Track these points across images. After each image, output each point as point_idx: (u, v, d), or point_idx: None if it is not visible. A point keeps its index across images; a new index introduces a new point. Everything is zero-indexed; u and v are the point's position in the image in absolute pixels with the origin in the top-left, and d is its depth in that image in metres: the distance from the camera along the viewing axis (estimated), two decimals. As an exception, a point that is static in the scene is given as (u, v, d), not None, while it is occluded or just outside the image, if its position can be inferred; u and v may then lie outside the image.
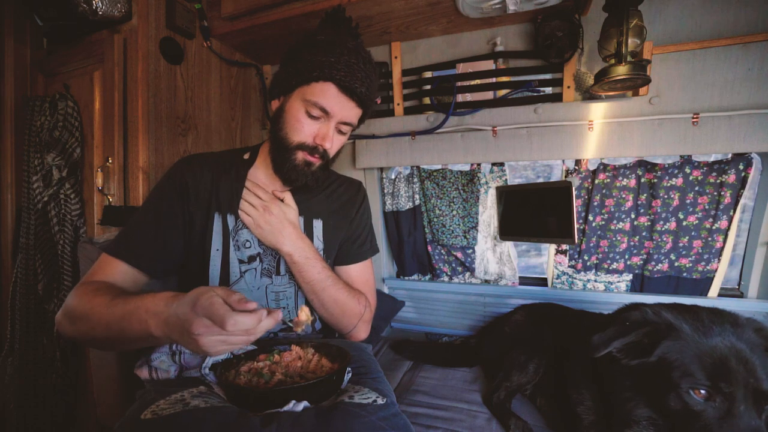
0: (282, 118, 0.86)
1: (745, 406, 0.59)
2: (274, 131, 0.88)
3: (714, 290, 1.37)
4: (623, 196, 1.42)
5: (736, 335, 0.63)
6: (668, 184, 1.37)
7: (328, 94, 0.82)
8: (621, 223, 1.44)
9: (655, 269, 1.42)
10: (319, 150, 0.86)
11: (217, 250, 0.89)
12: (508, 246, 1.63)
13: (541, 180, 1.88)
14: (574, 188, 1.28)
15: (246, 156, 0.98)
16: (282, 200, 0.92)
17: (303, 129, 0.84)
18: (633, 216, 1.43)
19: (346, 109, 0.84)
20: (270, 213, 0.88)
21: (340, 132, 0.88)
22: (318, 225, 0.97)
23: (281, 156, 0.87)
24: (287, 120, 0.85)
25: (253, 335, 0.56)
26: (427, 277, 1.78)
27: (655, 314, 0.72)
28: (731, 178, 1.28)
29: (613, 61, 1.08)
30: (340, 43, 0.82)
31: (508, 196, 1.52)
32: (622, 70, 1.04)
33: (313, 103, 0.82)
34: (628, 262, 1.47)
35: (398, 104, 1.55)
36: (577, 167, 1.47)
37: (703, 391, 0.62)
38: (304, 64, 0.82)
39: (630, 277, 1.47)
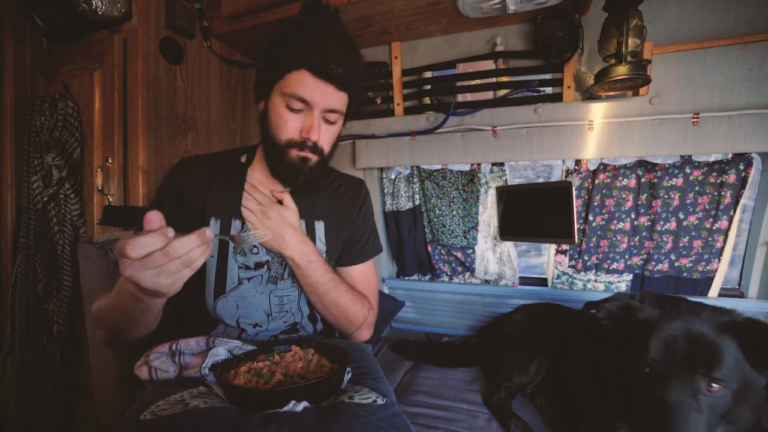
0: (267, 118, 0.84)
1: (681, 381, 0.64)
2: (263, 133, 0.87)
3: (714, 290, 1.37)
4: (623, 196, 1.42)
5: (698, 320, 0.68)
6: (668, 184, 1.37)
7: (303, 83, 0.78)
8: (621, 223, 1.44)
9: (655, 269, 1.42)
10: (308, 144, 0.82)
11: (212, 256, 0.88)
12: (508, 246, 1.63)
13: (541, 180, 1.88)
14: (574, 188, 1.28)
15: (243, 157, 0.97)
16: (281, 202, 0.91)
17: (287, 125, 0.81)
18: (633, 216, 1.43)
19: (327, 95, 0.80)
20: (268, 217, 0.87)
21: (328, 122, 0.84)
22: (320, 227, 0.97)
23: (275, 157, 0.85)
24: (271, 119, 0.83)
25: (176, 255, 0.53)
26: (427, 277, 1.78)
27: (637, 297, 0.79)
28: (731, 178, 1.28)
29: (613, 61, 1.08)
30: (309, 27, 0.78)
31: (508, 196, 1.52)
32: (622, 70, 1.04)
33: (291, 94, 0.78)
34: (629, 262, 1.47)
35: (398, 104, 1.55)
36: (577, 167, 1.47)
37: (651, 364, 0.68)
38: (275, 58, 0.80)
39: (630, 277, 1.47)
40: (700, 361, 0.64)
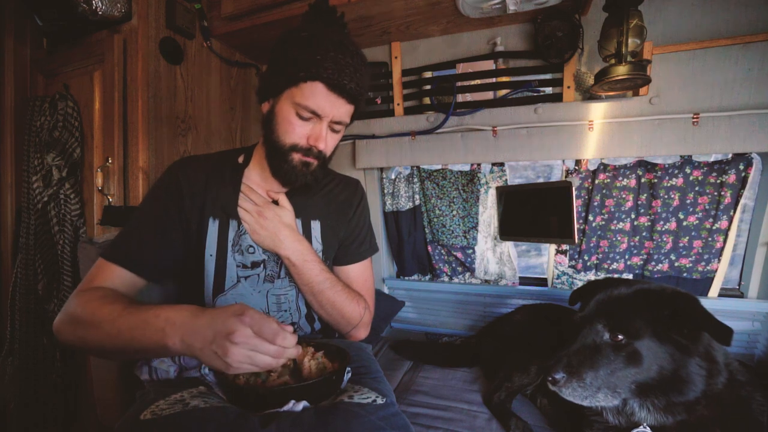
0: (273, 121, 0.85)
1: (588, 327, 0.78)
2: (266, 135, 0.87)
3: (714, 290, 1.37)
4: (623, 196, 1.42)
5: (624, 288, 0.81)
6: (668, 184, 1.37)
7: (317, 95, 0.79)
8: (621, 223, 1.44)
9: (655, 269, 1.42)
10: (313, 151, 0.84)
11: (211, 255, 0.88)
12: (508, 246, 1.63)
13: (541, 180, 1.88)
14: (574, 188, 1.28)
15: (240, 158, 0.97)
16: (277, 202, 0.92)
17: (295, 131, 0.82)
18: (633, 216, 1.43)
19: (337, 108, 0.82)
20: (264, 217, 0.88)
21: (333, 130, 0.86)
22: (316, 226, 0.97)
23: (277, 159, 0.85)
24: (278, 123, 0.84)
25: (279, 359, 0.60)
26: (427, 277, 1.78)
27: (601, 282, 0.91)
28: (731, 178, 1.28)
29: (613, 61, 1.08)
30: (325, 38, 0.79)
31: (508, 196, 1.52)
32: (622, 70, 1.04)
33: (303, 105, 0.80)
34: (629, 263, 1.46)
35: (398, 104, 1.55)
36: (577, 167, 1.47)
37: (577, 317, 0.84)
38: (289, 65, 0.80)
39: (630, 277, 1.47)
40: (604, 314, 0.77)
